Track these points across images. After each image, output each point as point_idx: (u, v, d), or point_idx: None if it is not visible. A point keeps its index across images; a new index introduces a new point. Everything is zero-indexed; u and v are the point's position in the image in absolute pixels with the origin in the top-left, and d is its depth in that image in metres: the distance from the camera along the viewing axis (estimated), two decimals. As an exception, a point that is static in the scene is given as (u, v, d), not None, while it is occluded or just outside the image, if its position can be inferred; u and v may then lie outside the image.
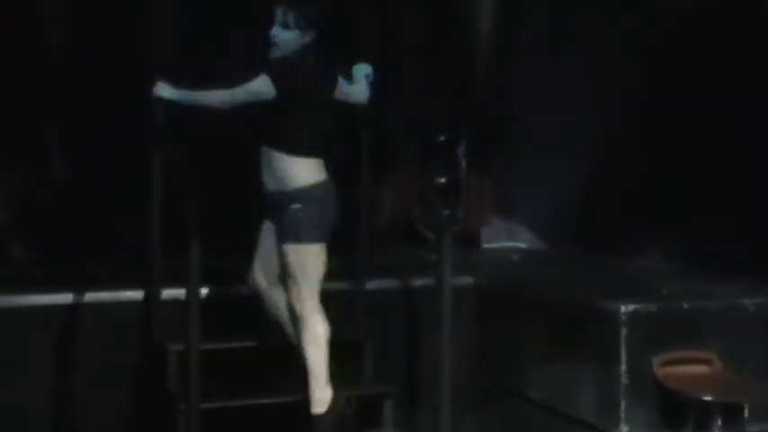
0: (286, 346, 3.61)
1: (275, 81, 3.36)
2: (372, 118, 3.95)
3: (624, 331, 3.78)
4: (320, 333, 3.45)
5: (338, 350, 3.54)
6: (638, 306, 3.84)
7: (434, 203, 4.78)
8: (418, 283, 4.29)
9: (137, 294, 3.91)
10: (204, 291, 3.62)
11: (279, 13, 3.44)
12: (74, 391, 3.82)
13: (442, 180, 5.16)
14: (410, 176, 5.22)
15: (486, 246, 5.50)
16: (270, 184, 3.47)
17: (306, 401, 3.47)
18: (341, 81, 3.61)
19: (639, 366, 3.78)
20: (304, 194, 3.40)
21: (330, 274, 3.97)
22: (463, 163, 5.23)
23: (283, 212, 3.43)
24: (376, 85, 3.74)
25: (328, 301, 3.60)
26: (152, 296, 3.85)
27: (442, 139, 5.22)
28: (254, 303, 3.68)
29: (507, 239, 5.59)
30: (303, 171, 3.42)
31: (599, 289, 4.23)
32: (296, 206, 3.40)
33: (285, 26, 3.44)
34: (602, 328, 3.86)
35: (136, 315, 3.87)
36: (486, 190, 5.48)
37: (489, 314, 4.42)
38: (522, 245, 5.56)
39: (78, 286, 3.91)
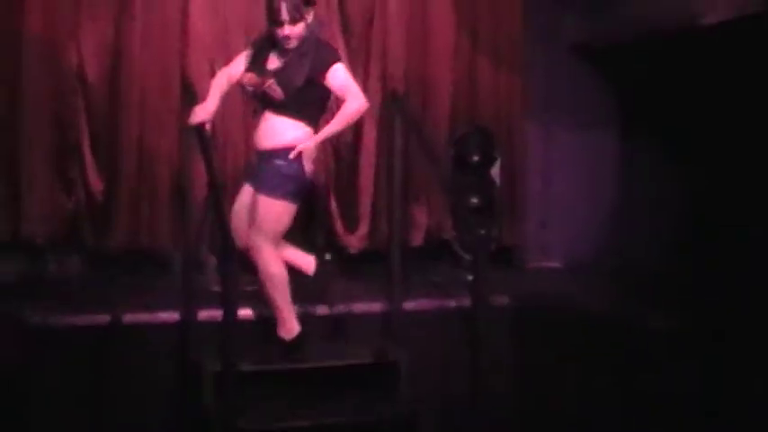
0: (326, 369, 3.67)
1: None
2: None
3: (667, 347, 3.77)
4: (274, 273, 3.75)
5: (378, 369, 3.57)
6: (682, 322, 3.83)
7: (469, 223, 4.81)
8: (454, 303, 4.32)
9: (172, 315, 3.98)
10: (243, 311, 3.66)
11: (283, 12, 3.70)
12: (110, 411, 3.89)
13: (476, 200, 5.23)
14: (445, 196, 5.24)
15: (521, 264, 5.51)
16: (261, 143, 3.79)
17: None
18: None
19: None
20: (286, 152, 3.73)
21: (366, 295, 4.04)
22: (497, 182, 5.28)
23: (267, 166, 3.75)
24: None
25: (364, 321, 3.65)
26: (188, 316, 3.91)
27: (476, 158, 5.27)
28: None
29: (543, 258, 5.59)
30: (297, 132, 3.75)
31: (638, 305, 4.23)
32: (280, 162, 3.72)
33: (292, 22, 3.71)
34: (644, 345, 3.85)
35: (172, 334, 3.93)
36: (519, 208, 5.50)
37: (527, 333, 4.42)
38: (558, 263, 5.57)
39: (115, 304, 4.00)
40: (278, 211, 3.72)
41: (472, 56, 5.37)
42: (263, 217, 3.72)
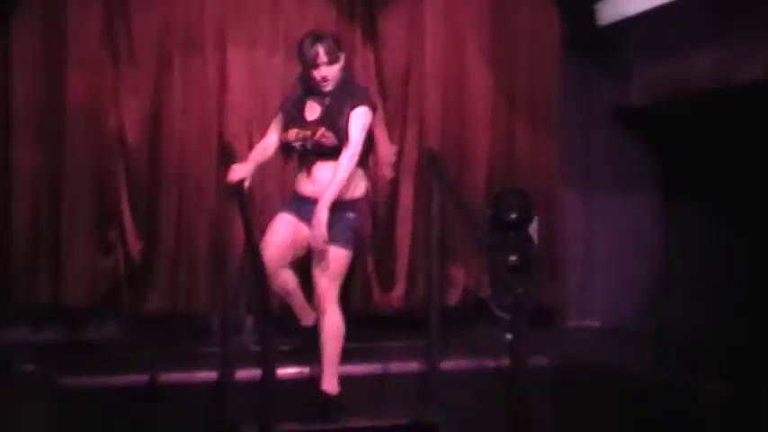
0: (363, 430, 3.65)
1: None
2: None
3: (716, 415, 3.71)
4: (341, 323, 3.83)
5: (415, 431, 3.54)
6: (729, 388, 3.76)
7: (507, 282, 4.79)
8: (492, 363, 4.28)
9: (210, 375, 3.99)
10: (281, 371, 3.66)
11: (321, 54, 3.81)
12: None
13: (514, 258, 5.22)
14: (482, 255, 5.24)
15: (560, 324, 5.46)
16: (313, 188, 3.85)
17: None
18: None
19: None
20: (358, 205, 3.87)
21: (403, 354, 4.03)
22: (535, 240, 5.27)
23: (338, 217, 3.79)
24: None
25: (401, 381, 3.63)
26: (226, 376, 3.91)
27: (514, 216, 5.28)
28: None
29: (582, 318, 5.55)
30: (362, 184, 3.91)
31: (681, 369, 4.17)
32: (351, 215, 3.81)
33: (330, 63, 3.81)
34: (689, 411, 3.78)
35: (209, 395, 3.93)
36: (558, 268, 5.48)
37: (567, 396, 4.36)
38: (599, 323, 5.52)
39: (153, 366, 4.03)
40: (348, 261, 3.86)
41: (509, 120, 5.43)
42: (338, 269, 3.82)
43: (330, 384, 3.80)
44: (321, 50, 3.82)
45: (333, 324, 3.80)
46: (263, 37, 5.06)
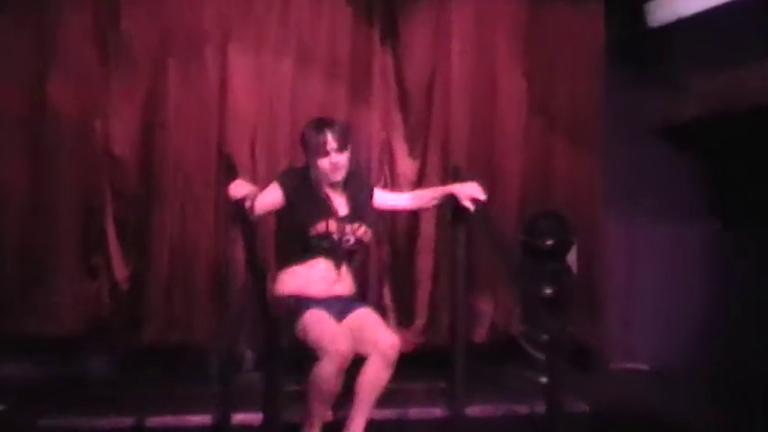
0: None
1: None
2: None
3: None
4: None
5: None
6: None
7: (542, 317, 4.73)
8: (525, 409, 4.23)
9: (204, 419, 3.93)
10: (289, 416, 3.59)
11: (330, 141, 3.85)
12: None
13: (550, 290, 5.15)
14: (513, 286, 5.17)
15: (602, 367, 5.39)
16: (343, 288, 3.93)
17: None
18: None
19: None
20: None
21: (423, 398, 3.96)
22: (574, 270, 5.19)
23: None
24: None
25: (421, 428, 3.57)
26: (224, 420, 3.83)
27: (549, 243, 5.20)
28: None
29: (626, 359, 5.48)
30: None
31: (741, 421, 4.07)
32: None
33: (341, 150, 3.87)
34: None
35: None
36: (599, 303, 5.39)
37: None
38: (645, 366, 5.45)
39: (142, 407, 3.98)
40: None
41: (545, 135, 5.41)
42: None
43: None
44: (330, 137, 3.86)
45: (385, 376, 3.76)
46: (270, 39, 5.04)
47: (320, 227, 3.83)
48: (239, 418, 3.82)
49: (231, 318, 4.04)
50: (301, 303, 3.76)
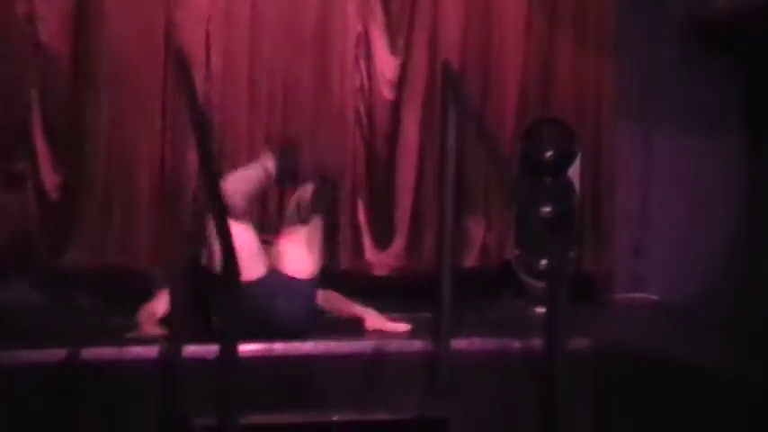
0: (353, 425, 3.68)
1: None
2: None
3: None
4: None
5: (419, 428, 3.57)
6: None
7: (539, 240, 4.80)
8: (519, 344, 4.31)
9: (150, 351, 3.99)
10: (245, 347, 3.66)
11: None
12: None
13: (549, 209, 5.22)
14: (508, 204, 5.24)
15: (607, 298, 5.50)
16: None
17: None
18: None
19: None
20: None
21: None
22: (576, 187, 5.26)
23: None
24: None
25: (402, 364, 3.67)
26: (172, 353, 3.92)
27: (550, 154, 5.26)
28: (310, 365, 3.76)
29: (634, 289, 5.59)
30: None
31: (759, 362, 4.18)
32: None
33: None
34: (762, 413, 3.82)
35: (153, 377, 3.93)
36: (606, 226, 5.49)
37: (611, 385, 4.40)
38: (654, 296, 5.56)
39: (75, 339, 4.02)
40: None
41: (549, 29, 5.42)
42: None
43: None
44: None
45: None
46: None
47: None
48: (192, 350, 3.88)
49: (179, 235, 4.07)
50: None
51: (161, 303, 4.29)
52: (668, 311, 5.39)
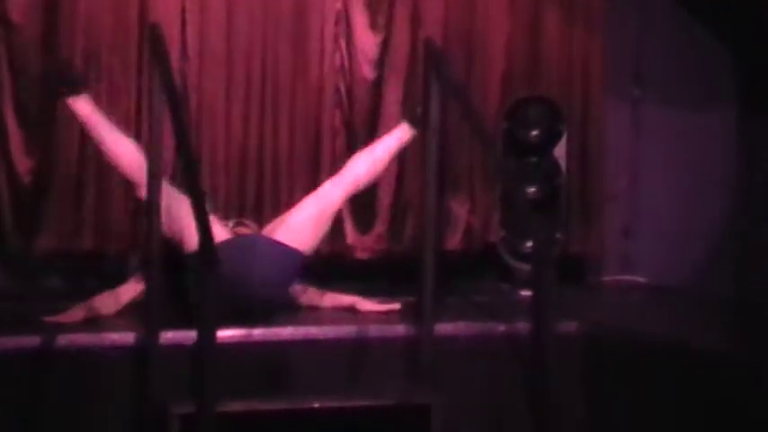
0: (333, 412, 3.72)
1: None
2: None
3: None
4: None
5: (402, 414, 3.60)
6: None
7: (525, 222, 4.84)
8: (504, 328, 4.35)
9: (126, 337, 4.02)
10: (224, 333, 3.71)
11: None
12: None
13: (535, 190, 5.26)
14: (492, 184, 5.28)
15: (595, 280, 5.56)
16: None
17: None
18: None
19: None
20: None
21: (389, 316, 4.09)
22: (563, 167, 5.31)
23: None
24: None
25: (383, 349, 3.71)
26: (149, 339, 3.95)
27: (535, 133, 5.30)
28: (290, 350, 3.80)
29: (622, 272, 5.65)
30: None
31: (752, 345, 4.23)
32: None
33: None
34: (753, 396, 3.86)
35: (129, 364, 3.96)
36: (594, 206, 5.54)
37: (600, 370, 4.44)
38: (644, 279, 5.61)
39: (48, 326, 4.04)
40: None
41: (535, 4, 5.45)
42: None
43: None
44: None
45: None
46: None
47: None
48: (168, 336, 3.92)
49: (153, 219, 4.09)
50: None
51: (129, 290, 4.34)
52: (659, 294, 5.43)
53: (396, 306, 4.47)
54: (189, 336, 3.73)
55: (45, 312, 4.16)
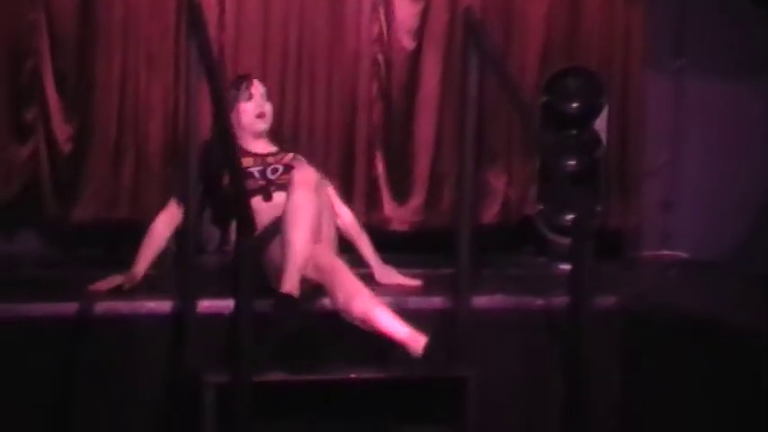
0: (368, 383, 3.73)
1: None
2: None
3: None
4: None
5: (437, 387, 3.60)
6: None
7: (563, 195, 4.83)
8: (541, 302, 4.34)
9: (162, 305, 4.04)
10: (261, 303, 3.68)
11: (257, 83, 4.31)
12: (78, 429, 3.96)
13: (574, 162, 5.25)
14: (531, 157, 5.26)
15: (634, 255, 5.55)
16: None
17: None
18: None
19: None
20: None
21: (424, 286, 4.08)
22: (603, 140, 5.28)
23: None
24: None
25: (419, 321, 3.71)
26: (185, 307, 3.95)
27: (575, 106, 5.28)
28: (325, 321, 3.82)
29: (662, 247, 5.63)
30: None
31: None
32: None
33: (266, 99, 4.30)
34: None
35: (165, 332, 3.98)
36: (634, 179, 5.52)
37: (637, 345, 4.42)
38: (684, 254, 5.60)
39: (85, 293, 4.07)
40: None
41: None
42: None
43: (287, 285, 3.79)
44: (257, 82, 4.32)
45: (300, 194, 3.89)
46: None
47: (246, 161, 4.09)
48: (204, 306, 3.93)
49: (191, 189, 4.11)
50: None
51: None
52: (698, 268, 5.41)
53: (416, 283, 4.44)
54: (226, 305, 3.75)
55: (83, 281, 4.20)
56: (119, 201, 4.98)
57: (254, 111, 4.30)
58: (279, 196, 4.07)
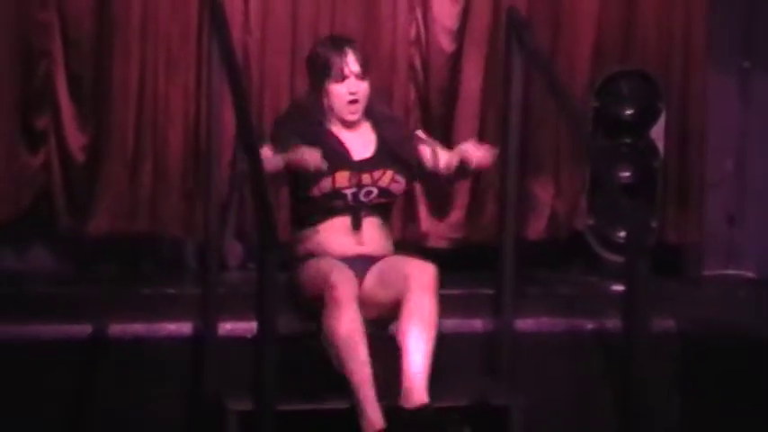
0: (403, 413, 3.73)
1: None
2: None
3: None
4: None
5: (478, 416, 3.58)
6: None
7: (617, 208, 4.81)
8: (591, 324, 4.34)
9: (182, 327, 4.07)
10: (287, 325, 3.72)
11: (351, 60, 3.92)
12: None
13: (629, 174, 5.22)
14: (581, 168, 5.25)
15: (695, 273, 5.53)
16: (363, 250, 3.97)
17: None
18: None
19: None
20: None
21: (462, 307, 4.08)
22: (660, 149, 5.26)
23: None
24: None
25: (459, 345, 3.71)
26: (206, 330, 3.97)
27: (630, 112, 5.26)
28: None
29: (726, 265, 5.60)
30: None
31: None
32: None
33: (361, 77, 3.95)
34: None
35: (185, 356, 4.00)
36: (695, 192, 5.50)
37: (698, 371, 4.42)
38: (749, 273, 5.57)
39: (99, 313, 4.10)
40: None
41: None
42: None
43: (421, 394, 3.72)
44: (352, 57, 3.93)
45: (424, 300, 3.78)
46: None
47: (325, 185, 3.88)
48: (227, 327, 3.96)
49: (212, 201, 4.13)
50: None
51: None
52: (766, 288, 5.35)
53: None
54: (248, 327, 3.77)
55: (98, 299, 4.22)
56: (136, 213, 5.00)
57: (345, 96, 3.96)
58: (368, 223, 3.98)
